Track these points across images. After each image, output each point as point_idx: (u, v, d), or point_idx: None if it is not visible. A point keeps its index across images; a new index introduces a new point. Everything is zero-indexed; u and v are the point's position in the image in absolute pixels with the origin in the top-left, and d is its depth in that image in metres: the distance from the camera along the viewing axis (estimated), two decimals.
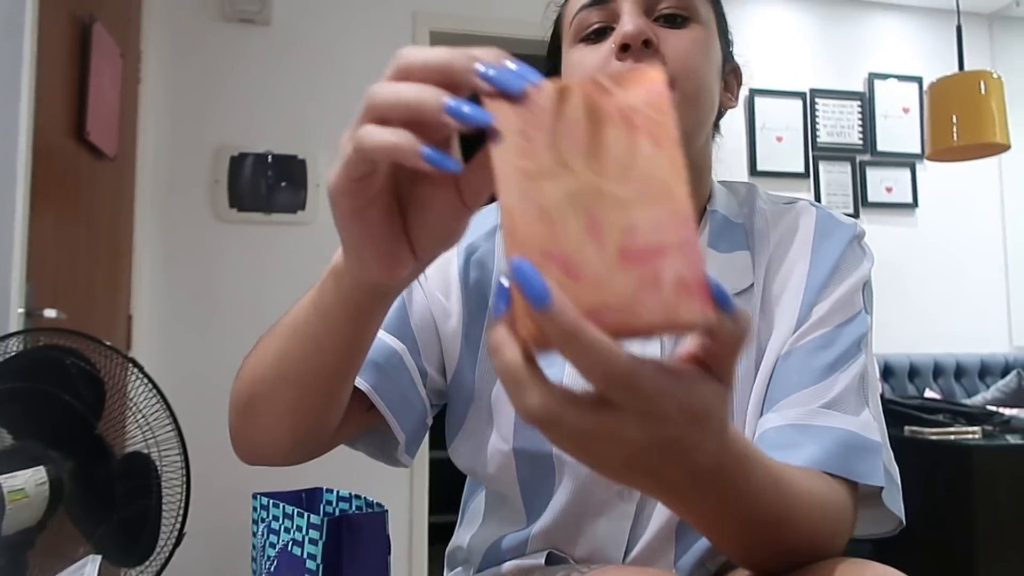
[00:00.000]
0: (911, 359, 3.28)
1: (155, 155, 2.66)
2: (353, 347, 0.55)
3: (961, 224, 3.70)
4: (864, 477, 0.61)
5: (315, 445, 0.66)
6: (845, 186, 3.56)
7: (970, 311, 3.64)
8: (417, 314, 0.74)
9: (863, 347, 0.69)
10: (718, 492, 0.43)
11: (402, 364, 0.72)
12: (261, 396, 0.60)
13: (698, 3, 0.71)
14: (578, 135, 0.35)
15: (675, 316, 0.32)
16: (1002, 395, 3.09)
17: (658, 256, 0.32)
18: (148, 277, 2.59)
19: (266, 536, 0.82)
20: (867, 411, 0.65)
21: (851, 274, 0.72)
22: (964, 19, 3.09)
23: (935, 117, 2.74)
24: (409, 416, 0.72)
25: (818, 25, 3.67)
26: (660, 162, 0.34)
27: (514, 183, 0.33)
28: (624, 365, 0.32)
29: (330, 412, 0.62)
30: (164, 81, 2.69)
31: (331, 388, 0.58)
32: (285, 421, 0.60)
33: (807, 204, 0.78)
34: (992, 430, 2.10)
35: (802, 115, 3.55)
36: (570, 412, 0.33)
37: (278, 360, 0.58)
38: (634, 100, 0.35)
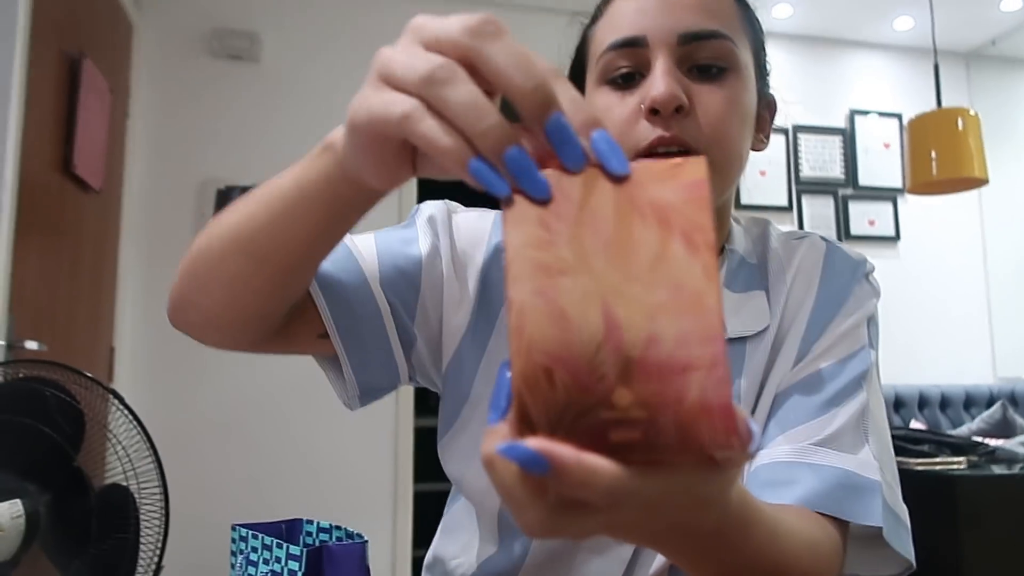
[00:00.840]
0: (896, 390, 3.29)
1: (141, 188, 2.66)
2: (322, 233, 0.51)
3: (943, 256, 3.74)
4: (858, 517, 0.59)
5: (257, 333, 0.61)
6: (828, 219, 3.61)
7: (954, 342, 3.67)
8: (428, 286, 0.70)
9: (864, 383, 0.66)
10: (719, 553, 0.43)
11: (377, 313, 0.67)
12: (215, 258, 0.55)
13: (738, 47, 0.66)
14: (604, 229, 0.31)
15: (692, 444, 0.29)
16: (987, 426, 3.10)
17: (680, 374, 0.29)
18: (131, 310, 2.58)
19: (244, 568, 0.80)
20: (866, 449, 0.63)
21: (857, 310, 0.70)
22: (942, 58, 3.16)
23: (915, 152, 2.79)
24: (367, 367, 0.68)
25: (801, 63, 3.75)
26: (693, 268, 0.30)
27: (527, 276, 0.30)
28: (628, 486, 0.29)
29: (280, 298, 0.58)
30: (152, 116, 2.71)
31: (287, 268, 0.54)
32: (233, 290, 0.56)
33: (817, 239, 0.75)
34: (977, 460, 2.10)
35: (785, 150, 3.61)
36: (574, 523, 0.31)
37: (243, 222, 0.53)
38: (670, 196, 0.31)
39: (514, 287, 0.30)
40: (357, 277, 0.66)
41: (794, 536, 0.52)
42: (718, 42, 0.64)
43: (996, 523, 1.97)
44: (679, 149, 0.62)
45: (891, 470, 0.66)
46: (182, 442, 2.48)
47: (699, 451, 0.29)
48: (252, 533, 0.81)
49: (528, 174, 0.32)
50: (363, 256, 0.68)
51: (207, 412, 2.57)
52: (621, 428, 0.29)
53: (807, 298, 0.71)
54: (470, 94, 0.33)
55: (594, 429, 0.29)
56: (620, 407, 0.29)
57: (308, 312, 0.64)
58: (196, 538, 2.23)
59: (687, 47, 0.64)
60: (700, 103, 0.63)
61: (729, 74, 0.65)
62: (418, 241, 0.71)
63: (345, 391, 0.70)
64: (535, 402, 0.30)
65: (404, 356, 0.70)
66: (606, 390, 0.29)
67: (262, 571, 0.75)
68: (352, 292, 0.65)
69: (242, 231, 0.53)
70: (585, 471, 0.28)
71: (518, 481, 0.30)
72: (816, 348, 0.68)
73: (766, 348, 0.70)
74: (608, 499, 0.29)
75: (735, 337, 0.70)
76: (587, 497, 0.29)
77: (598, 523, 0.31)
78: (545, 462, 0.28)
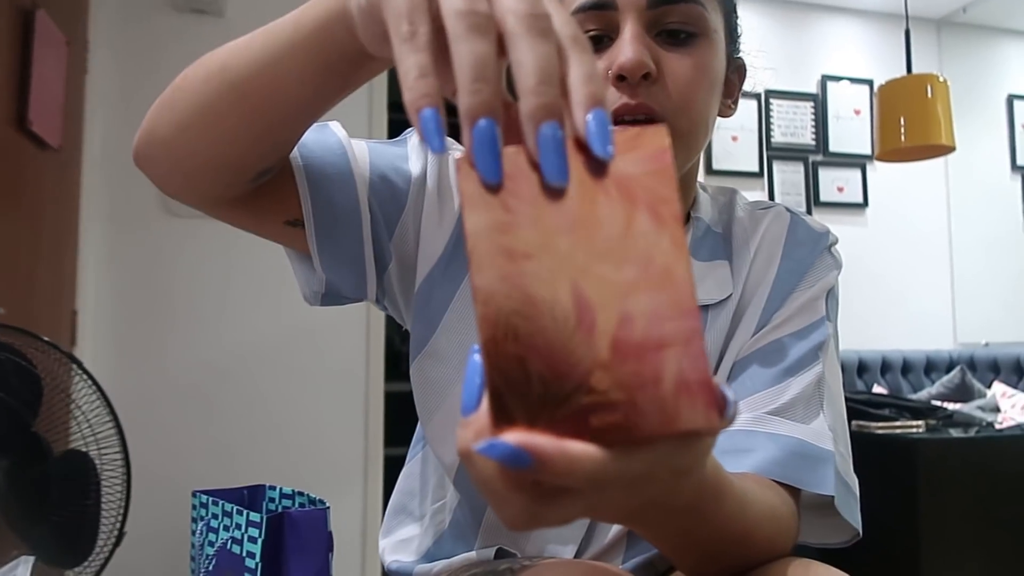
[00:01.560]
0: (860, 355, 3.35)
1: (103, 147, 2.59)
2: (313, 86, 0.49)
3: (909, 224, 3.79)
4: (811, 486, 0.60)
5: (223, 186, 0.58)
6: (798, 185, 3.63)
7: (917, 309, 3.74)
8: (412, 205, 0.68)
9: (822, 355, 0.67)
10: (693, 523, 0.44)
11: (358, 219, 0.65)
12: (197, 87, 0.53)
13: (708, 11, 0.65)
14: (567, 207, 0.30)
15: (675, 422, 0.28)
16: (946, 390, 3.17)
17: (657, 352, 0.28)
18: (94, 272, 2.53)
19: (205, 535, 0.80)
20: (820, 419, 0.64)
21: (817, 281, 0.70)
22: (913, 24, 3.16)
23: (884, 119, 2.80)
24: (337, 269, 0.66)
25: (773, 27, 3.73)
26: (660, 241, 0.29)
27: (491, 262, 0.29)
28: (612, 471, 0.29)
29: (256, 147, 0.55)
30: (113, 71, 2.63)
31: (271, 114, 0.51)
32: (208, 124, 0.53)
33: (782, 210, 0.76)
34: (936, 424, 2.15)
35: (757, 116, 3.60)
36: (556, 510, 0.31)
37: (235, 54, 0.51)
38: (633, 168, 0.30)
39: (479, 275, 0.29)
40: (346, 176, 0.64)
41: (757, 504, 0.52)
42: (688, 6, 0.63)
43: (953, 483, 2.02)
44: (645, 117, 0.61)
45: (844, 440, 0.67)
46: (147, 407, 2.46)
47: (680, 427, 0.28)
48: (212, 500, 0.81)
49: (487, 153, 0.30)
50: (356, 158, 0.66)
51: (173, 377, 2.54)
52: (601, 412, 0.29)
53: (770, 268, 0.71)
54: (483, 53, 0.32)
55: (574, 415, 0.29)
56: (599, 391, 0.29)
57: (282, 193, 0.62)
58: (160, 504, 2.22)
59: (656, 11, 0.63)
60: (668, 70, 0.63)
61: (699, 40, 0.64)
62: (409, 160, 0.70)
63: (309, 284, 0.68)
64: (511, 393, 0.29)
65: (375, 273, 0.68)
66: (583, 374, 0.29)
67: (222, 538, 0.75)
68: (338, 190, 0.63)
69: (230, 62, 0.51)
70: (568, 460, 0.28)
71: (497, 475, 0.29)
72: (776, 318, 0.69)
73: (727, 316, 0.70)
74: (591, 484, 0.29)
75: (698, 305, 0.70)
76: (570, 484, 0.29)
77: (580, 508, 0.31)
78: (527, 456, 0.28)
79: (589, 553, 0.71)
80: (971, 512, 2.01)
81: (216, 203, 0.60)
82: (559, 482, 0.29)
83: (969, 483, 2.04)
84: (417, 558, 0.79)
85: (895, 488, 2.05)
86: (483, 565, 0.72)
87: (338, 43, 0.45)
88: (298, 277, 0.69)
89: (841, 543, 0.68)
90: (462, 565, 0.74)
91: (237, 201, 0.60)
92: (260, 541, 0.72)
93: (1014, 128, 3.95)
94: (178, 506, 2.30)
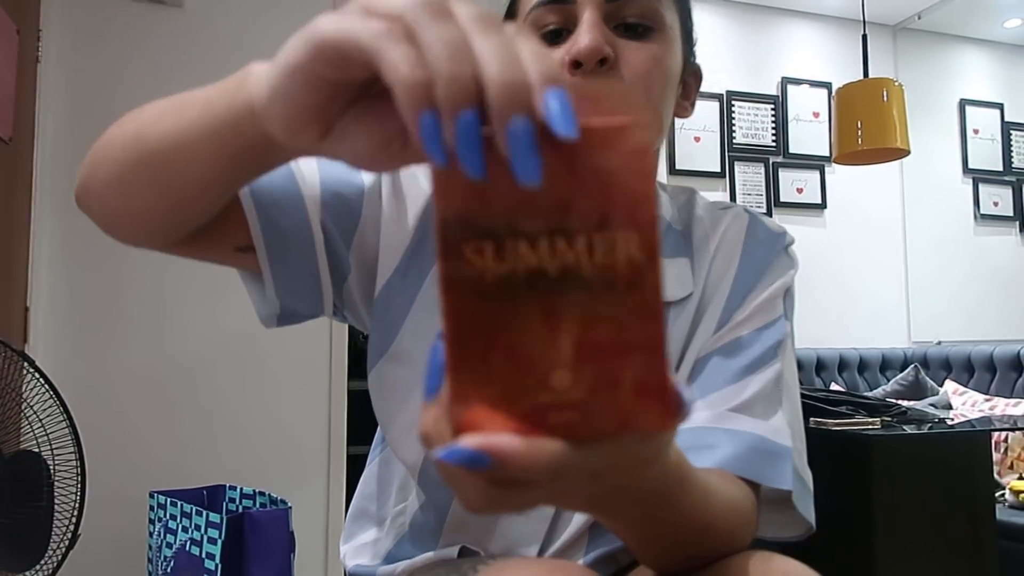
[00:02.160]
0: (818, 353, 3.41)
1: (56, 138, 2.52)
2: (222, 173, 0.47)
3: (866, 225, 3.87)
4: (772, 481, 0.62)
5: (160, 240, 0.57)
6: (759, 186, 3.68)
7: (873, 308, 3.82)
8: (368, 214, 0.67)
9: (780, 352, 0.69)
10: (657, 512, 0.44)
11: (310, 242, 0.64)
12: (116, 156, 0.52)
13: (664, 9, 0.67)
14: (542, 204, 0.29)
15: (630, 424, 0.29)
16: (901, 387, 3.25)
17: (618, 354, 0.28)
18: (47, 268, 2.46)
19: (163, 536, 0.78)
20: (779, 415, 0.65)
21: (775, 280, 0.72)
22: (870, 29, 3.23)
23: (841, 122, 2.86)
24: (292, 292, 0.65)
25: (735, 30, 3.78)
26: (632, 242, 0.29)
27: (459, 254, 0.29)
28: (570, 463, 0.29)
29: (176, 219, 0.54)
30: (66, 61, 2.56)
31: (184, 191, 0.50)
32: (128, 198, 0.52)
33: (741, 210, 0.77)
34: (890, 421, 2.20)
35: (719, 117, 3.65)
36: (516, 497, 0.31)
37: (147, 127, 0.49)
38: (612, 164, 0.29)
39: (447, 266, 0.29)
40: (295, 200, 0.63)
41: (720, 496, 0.53)
42: (644, 1, 0.66)
43: (906, 478, 2.07)
44: None
45: (800, 436, 0.68)
46: (102, 406, 2.40)
47: (636, 430, 0.29)
48: (171, 500, 0.79)
49: (470, 147, 0.29)
50: (304, 179, 0.64)
51: (129, 374, 2.48)
52: (559, 410, 0.29)
53: (729, 267, 0.73)
54: (456, 36, 0.30)
55: (533, 411, 0.29)
56: (558, 389, 0.29)
57: (229, 221, 0.60)
58: (116, 506, 2.17)
59: (614, 4, 0.65)
60: (625, 59, 0.64)
61: (655, 33, 0.66)
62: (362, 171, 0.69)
63: (264, 308, 0.67)
64: (472, 384, 0.29)
65: (333, 287, 0.67)
66: (544, 372, 0.29)
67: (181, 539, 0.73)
68: (287, 215, 0.62)
69: (144, 132, 0.49)
70: (526, 456, 0.28)
71: (456, 468, 0.29)
72: (736, 317, 0.70)
73: (689, 315, 0.71)
74: (550, 475, 0.29)
75: None
76: (530, 478, 0.29)
77: (540, 495, 0.31)
78: (486, 458, 0.28)
79: (552, 549, 0.71)
80: (924, 504, 2.07)
81: (159, 247, 0.59)
82: (519, 476, 0.29)
83: (922, 477, 2.09)
84: (379, 561, 0.78)
85: (851, 482, 2.10)
86: (446, 565, 0.71)
87: (245, 136, 0.43)
88: (253, 299, 0.68)
89: (795, 537, 0.69)
90: (425, 565, 0.74)
91: (182, 241, 0.58)
92: (220, 542, 0.71)
93: (966, 132, 4.06)
94: (135, 507, 2.25)
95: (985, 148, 4.07)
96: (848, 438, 2.08)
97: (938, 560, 2.07)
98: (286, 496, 2.11)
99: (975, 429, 2.30)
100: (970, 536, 2.11)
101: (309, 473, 2.63)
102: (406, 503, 0.77)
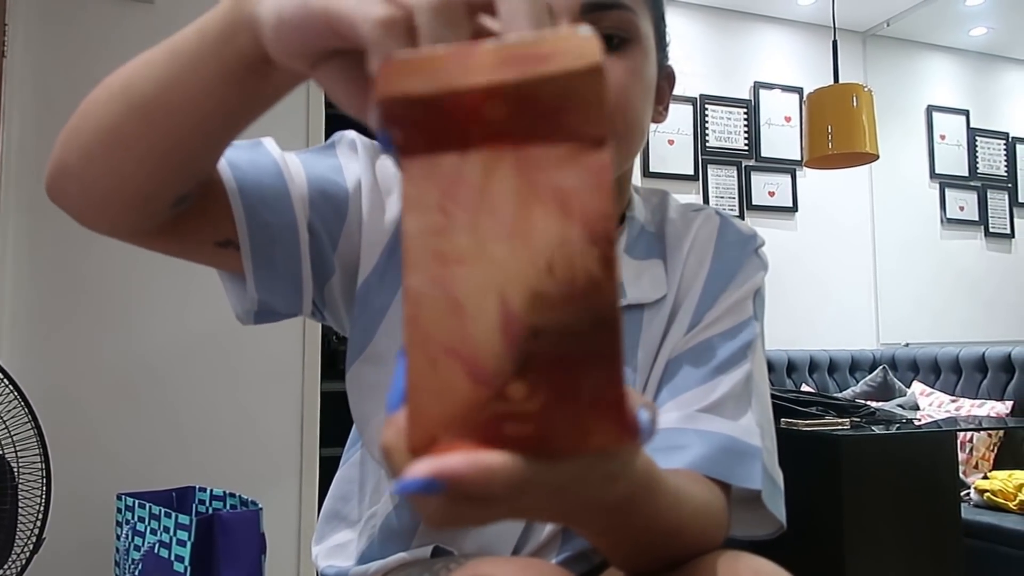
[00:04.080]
0: (789, 355, 3.46)
1: (22, 137, 2.47)
2: (222, 108, 0.46)
3: (835, 228, 3.93)
4: (741, 480, 0.62)
5: (141, 217, 0.54)
6: (731, 189, 3.72)
7: (842, 310, 3.88)
8: (353, 216, 0.67)
9: (750, 353, 0.69)
10: (627, 519, 0.44)
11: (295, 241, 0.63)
12: (100, 111, 0.49)
13: (639, 18, 0.67)
14: (503, 216, 0.30)
15: (586, 440, 0.29)
16: (870, 388, 3.30)
17: (575, 366, 0.29)
18: (12, 266, 2.41)
19: (130, 539, 0.77)
20: (748, 415, 0.66)
21: (746, 282, 0.72)
22: (840, 35, 3.28)
23: (812, 126, 2.90)
24: (272, 290, 0.64)
25: (709, 34, 3.81)
26: (591, 258, 0.29)
27: (424, 265, 0.29)
28: (532, 480, 0.29)
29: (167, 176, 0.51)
30: (34, 58, 2.51)
31: (179, 137, 0.48)
32: (116, 152, 0.49)
33: (712, 212, 0.78)
34: (859, 421, 2.23)
35: (692, 120, 3.68)
36: (476, 513, 0.30)
37: (137, 72, 0.48)
38: (573, 181, 0.30)
39: (411, 276, 0.29)
40: (283, 198, 0.62)
41: (690, 498, 0.53)
42: (620, 12, 0.65)
43: (874, 477, 2.11)
44: None
45: (771, 436, 0.69)
46: (69, 407, 2.36)
47: (590, 446, 0.29)
48: (139, 502, 0.78)
49: None
50: (293, 178, 0.63)
51: (97, 375, 2.44)
52: (516, 422, 0.29)
53: (701, 269, 0.73)
54: None
55: (488, 423, 0.29)
56: (514, 400, 0.29)
57: (211, 214, 0.59)
58: (83, 508, 2.13)
59: (590, 16, 0.64)
60: None
61: (631, 45, 0.66)
62: (344, 171, 0.68)
63: (241, 303, 0.66)
64: (430, 395, 0.29)
65: (315, 287, 0.66)
66: (501, 383, 0.29)
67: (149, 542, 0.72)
68: (275, 212, 0.61)
69: (133, 81, 0.47)
70: (483, 474, 0.28)
71: None
72: (707, 318, 0.71)
73: (664, 317, 0.72)
74: (509, 491, 0.29)
75: (634, 304, 0.71)
76: (490, 495, 0.29)
77: (502, 511, 0.31)
78: (438, 484, 0.28)
79: (526, 550, 0.71)
80: (891, 503, 2.10)
81: (136, 234, 0.56)
82: (479, 495, 0.29)
83: (890, 477, 2.13)
84: (352, 562, 0.78)
85: (821, 482, 2.13)
86: (419, 564, 0.71)
87: (241, 52, 0.43)
88: (229, 296, 0.67)
89: (766, 535, 0.70)
90: (399, 564, 0.74)
91: (160, 229, 0.56)
92: (189, 544, 0.70)
93: (933, 138, 4.13)
94: (102, 509, 2.21)
95: (951, 154, 4.15)
96: (818, 438, 2.10)
97: (905, 558, 2.10)
98: (258, 498, 2.09)
99: (941, 429, 2.35)
100: (936, 534, 2.15)
101: (281, 474, 2.60)
102: (378, 505, 0.76)
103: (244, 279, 0.63)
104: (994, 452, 2.95)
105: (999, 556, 2.40)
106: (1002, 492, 2.58)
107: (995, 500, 2.58)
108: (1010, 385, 3.00)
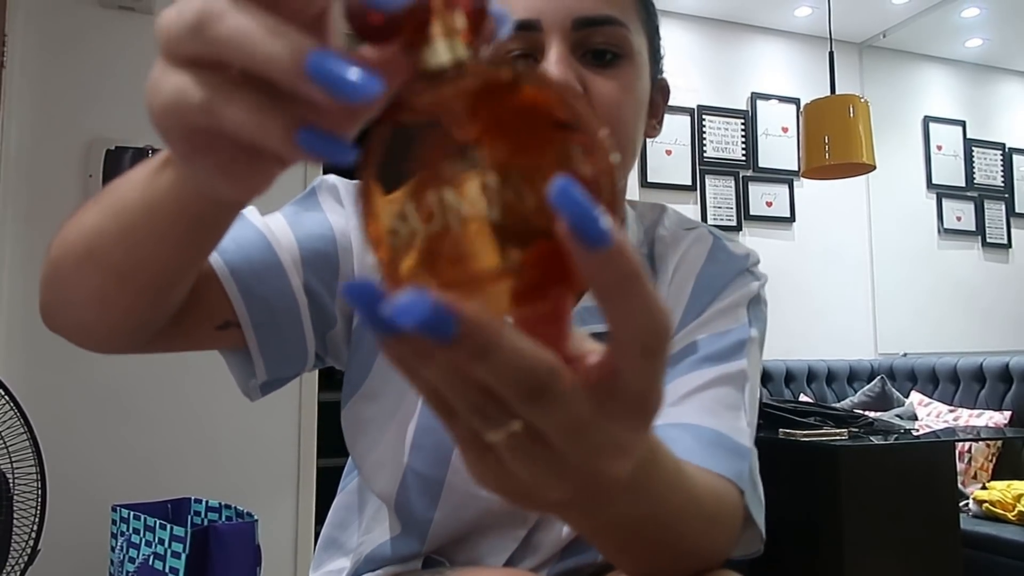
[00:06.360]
0: (787, 365, 3.46)
1: (21, 147, 2.47)
2: (183, 249, 0.44)
3: (833, 238, 3.94)
4: (727, 473, 0.59)
5: (137, 339, 0.54)
6: (729, 199, 3.73)
7: (840, 320, 3.88)
8: (343, 263, 0.65)
9: (743, 352, 0.67)
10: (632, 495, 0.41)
11: (295, 305, 0.62)
12: (71, 273, 0.49)
13: (632, 33, 0.66)
14: None
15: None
16: (868, 399, 3.30)
17: None
18: (8, 276, 2.41)
19: (125, 551, 0.77)
20: (742, 416, 0.64)
21: (734, 294, 0.71)
22: (836, 46, 3.30)
23: (809, 137, 2.91)
24: (279, 361, 0.63)
25: (706, 45, 3.83)
26: None
27: None
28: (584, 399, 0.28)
29: (152, 311, 0.51)
30: (33, 68, 2.52)
31: (153, 284, 0.47)
32: (96, 307, 0.49)
33: (705, 232, 0.76)
34: (857, 431, 2.23)
35: (690, 130, 3.69)
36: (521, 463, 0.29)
37: (94, 237, 0.46)
38: None
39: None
40: (276, 269, 0.61)
41: (694, 476, 0.51)
42: (612, 28, 0.64)
43: (872, 488, 2.10)
44: None
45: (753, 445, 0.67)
46: (65, 418, 2.35)
47: None
48: (134, 514, 0.78)
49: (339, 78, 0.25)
50: (281, 244, 0.62)
51: (93, 386, 2.43)
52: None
53: (686, 285, 0.72)
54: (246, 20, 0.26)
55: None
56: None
57: (207, 302, 0.58)
58: (78, 520, 2.12)
59: (581, 32, 0.63)
60: (594, 92, 0.63)
61: (623, 61, 0.65)
62: (329, 219, 0.67)
63: (247, 381, 0.65)
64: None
65: (317, 341, 0.66)
66: None
67: (144, 554, 0.72)
68: (271, 287, 0.60)
69: (94, 247, 0.46)
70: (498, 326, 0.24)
71: None
72: (692, 324, 0.69)
73: None
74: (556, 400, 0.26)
75: None
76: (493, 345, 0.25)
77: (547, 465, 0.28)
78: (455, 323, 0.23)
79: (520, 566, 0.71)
80: (890, 514, 2.10)
81: (142, 347, 0.56)
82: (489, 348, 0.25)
83: (889, 487, 2.12)
84: None
85: (819, 492, 2.12)
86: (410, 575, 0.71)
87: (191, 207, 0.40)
88: (235, 376, 0.66)
89: (747, 555, 0.65)
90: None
91: (161, 330, 0.56)
92: (184, 556, 0.70)
93: (930, 149, 4.15)
94: (97, 521, 2.20)
95: (948, 164, 4.16)
96: (816, 448, 2.10)
97: (903, 569, 2.10)
98: (255, 510, 2.08)
99: (940, 439, 2.35)
100: (935, 545, 2.15)
101: (279, 486, 2.59)
102: (371, 534, 0.75)
103: (247, 355, 0.62)
104: (992, 462, 2.95)
105: (998, 567, 2.39)
106: (1001, 503, 2.57)
107: (994, 511, 2.57)
108: (1008, 395, 3.00)
